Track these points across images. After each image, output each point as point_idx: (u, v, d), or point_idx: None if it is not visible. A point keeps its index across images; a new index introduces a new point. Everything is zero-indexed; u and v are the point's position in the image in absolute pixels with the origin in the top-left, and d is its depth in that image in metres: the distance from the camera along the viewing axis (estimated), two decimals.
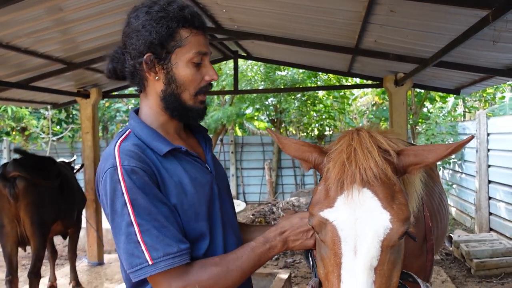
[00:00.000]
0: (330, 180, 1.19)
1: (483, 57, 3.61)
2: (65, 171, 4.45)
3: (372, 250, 1.10)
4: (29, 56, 4.07)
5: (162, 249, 1.15)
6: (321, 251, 1.21)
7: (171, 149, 1.28)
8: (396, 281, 1.17)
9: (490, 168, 7.04)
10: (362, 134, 1.23)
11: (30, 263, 3.85)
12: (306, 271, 5.69)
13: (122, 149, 1.23)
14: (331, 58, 5.14)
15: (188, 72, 1.29)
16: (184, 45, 1.27)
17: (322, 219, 1.17)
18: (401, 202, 1.14)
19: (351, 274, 1.10)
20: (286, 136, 1.37)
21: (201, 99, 1.35)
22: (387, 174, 1.16)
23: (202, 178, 1.33)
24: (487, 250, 5.56)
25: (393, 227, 1.11)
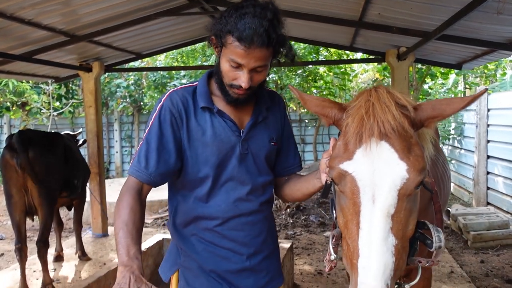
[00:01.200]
0: (349, 134, 1.25)
1: (486, 30, 3.62)
2: (69, 144, 4.50)
3: (389, 198, 1.17)
4: (33, 28, 4.06)
5: (137, 160, 1.57)
6: (341, 201, 1.28)
7: (204, 106, 1.63)
8: (412, 228, 1.23)
9: (490, 144, 7.11)
10: (380, 91, 1.28)
11: (38, 232, 3.94)
12: (307, 243, 5.82)
13: (172, 93, 1.65)
14: (333, 32, 5.13)
15: (225, 68, 1.55)
16: (226, 47, 1.52)
17: (341, 171, 1.24)
18: (417, 153, 1.20)
19: (369, 221, 1.17)
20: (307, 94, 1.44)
21: (234, 91, 1.58)
22: (404, 127, 1.21)
23: (225, 136, 1.63)
24: (484, 223, 5.68)
25: (409, 177, 1.17)
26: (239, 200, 1.66)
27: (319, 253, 5.38)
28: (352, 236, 1.20)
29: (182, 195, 1.70)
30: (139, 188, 1.54)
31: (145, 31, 5.11)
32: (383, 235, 1.15)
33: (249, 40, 1.44)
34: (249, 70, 1.51)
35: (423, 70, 9.42)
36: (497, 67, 10.43)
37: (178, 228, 1.74)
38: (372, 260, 1.13)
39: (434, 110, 1.26)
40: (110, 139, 13.11)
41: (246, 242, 1.69)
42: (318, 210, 7.33)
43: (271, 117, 1.77)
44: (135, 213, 1.46)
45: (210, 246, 1.67)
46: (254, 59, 1.49)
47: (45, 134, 4.31)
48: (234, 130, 1.65)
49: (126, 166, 13.08)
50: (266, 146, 1.72)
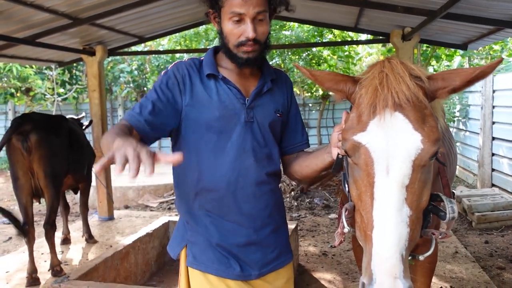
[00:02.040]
0: (362, 105, 1.24)
1: (492, 7, 3.57)
2: (74, 127, 4.51)
3: (403, 169, 1.16)
4: (35, 10, 4.04)
5: (132, 109, 1.61)
6: (354, 174, 1.27)
7: (209, 73, 1.66)
8: (426, 199, 1.23)
9: (495, 125, 7.07)
10: (393, 62, 1.27)
11: (45, 215, 3.98)
12: (311, 225, 5.85)
13: (179, 62, 1.70)
14: (338, 13, 5.08)
15: (228, 28, 1.59)
16: (224, 6, 1.57)
17: (355, 142, 1.23)
18: (431, 124, 1.19)
19: (383, 191, 1.16)
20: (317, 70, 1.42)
21: (243, 50, 1.59)
22: (419, 97, 1.20)
23: (229, 103, 1.65)
24: (489, 204, 5.68)
25: (424, 147, 1.16)
26: (244, 169, 1.66)
27: (324, 235, 5.41)
28: (366, 207, 1.19)
29: (185, 164, 1.60)
30: (129, 127, 1.52)
31: (147, 14, 5.08)
32: (398, 206, 1.14)
33: None
34: (251, 19, 1.54)
35: (427, 52, 9.34)
36: (502, 49, 10.31)
37: (183, 200, 1.74)
38: (387, 230, 1.13)
39: (444, 80, 1.24)
40: (114, 124, 13.10)
41: (253, 214, 1.68)
42: (323, 193, 7.35)
43: (276, 90, 1.78)
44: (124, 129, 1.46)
45: (216, 219, 1.67)
46: (253, 5, 1.53)
47: (50, 117, 4.32)
48: (238, 97, 1.66)
49: None
50: (271, 116, 1.73)
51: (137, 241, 3.85)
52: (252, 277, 1.67)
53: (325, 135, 12.19)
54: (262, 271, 1.69)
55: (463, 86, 1.23)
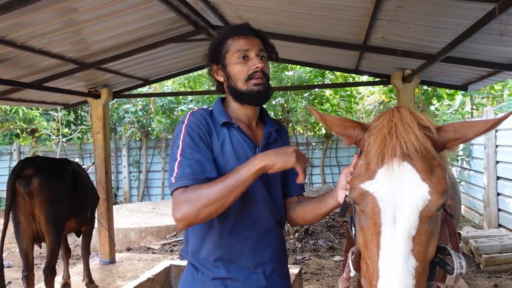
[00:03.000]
0: (371, 153, 1.25)
1: (489, 51, 3.63)
2: (78, 169, 4.53)
3: (411, 220, 1.15)
4: (43, 57, 4.15)
5: (181, 174, 1.55)
6: (361, 221, 1.27)
7: (225, 121, 1.71)
8: (433, 251, 1.21)
9: (499, 164, 7.04)
10: (402, 111, 1.28)
11: (46, 260, 3.93)
12: (316, 268, 5.74)
13: (193, 113, 1.71)
14: (338, 56, 5.17)
15: (236, 68, 1.71)
16: (230, 50, 1.72)
17: (362, 190, 1.23)
18: (439, 175, 1.19)
19: (390, 242, 1.15)
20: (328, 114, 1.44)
21: (254, 82, 1.69)
22: (427, 148, 1.20)
23: (242, 152, 1.68)
24: (496, 246, 5.58)
25: (431, 199, 1.16)
26: (258, 218, 1.70)
27: (329, 278, 5.29)
28: (372, 256, 1.19)
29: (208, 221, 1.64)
30: None
31: (152, 58, 5.20)
32: (404, 257, 1.13)
33: (244, 30, 1.72)
34: (256, 54, 1.70)
35: (429, 91, 9.45)
36: (503, 88, 10.43)
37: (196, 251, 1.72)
38: (392, 282, 1.12)
39: (456, 132, 1.25)
40: (118, 164, 13.16)
41: (263, 261, 1.71)
42: (327, 234, 7.25)
43: (280, 140, 1.85)
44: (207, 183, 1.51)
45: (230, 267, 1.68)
46: (256, 44, 1.71)
47: (54, 160, 4.34)
48: (251, 147, 1.71)
49: (134, 192, 13.08)
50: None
51: (138, 287, 3.78)
52: None
53: (329, 174, 12.16)
54: None
55: (473, 138, 1.25)
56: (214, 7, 4.01)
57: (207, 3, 3.85)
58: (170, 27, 4.44)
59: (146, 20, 4.08)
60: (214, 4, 3.95)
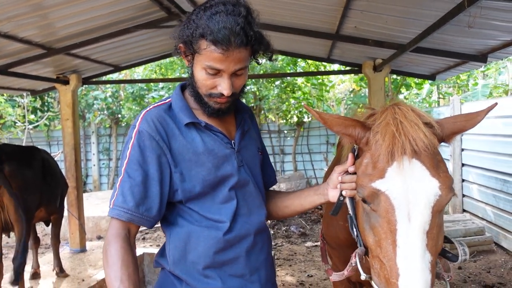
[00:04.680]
0: (379, 151, 1.25)
1: (457, 43, 3.74)
2: (47, 157, 4.42)
3: (425, 215, 1.19)
4: (9, 41, 4.00)
5: (122, 200, 1.36)
6: (371, 220, 1.27)
7: (189, 121, 1.45)
8: (442, 243, 1.26)
9: (464, 152, 7.29)
10: (403, 108, 1.30)
11: (15, 249, 3.84)
12: (288, 254, 5.83)
13: (147, 115, 1.45)
14: (311, 44, 5.21)
15: (201, 76, 1.40)
16: (200, 54, 1.36)
17: (374, 189, 1.24)
18: (444, 170, 1.24)
19: (406, 238, 1.17)
20: (326, 112, 1.43)
21: (215, 101, 1.43)
22: (435, 145, 1.24)
23: (218, 150, 1.47)
24: (461, 230, 5.81)
25: (442, 194, 1.20)
26: (248, 219, 1.51)
27: (301, 264, 5.39)
28: (388, 254, 1.20)
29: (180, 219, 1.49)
30: (126, 232, 1.36)
31: (123, 44, 5.10)
32: (422, 253, 1.16)
33: (226, 42, 1.30)
34: (229, 75, 1.37)
35: (398, 80, 9.64)
36: (469, 77, 10.74)
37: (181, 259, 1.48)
38: (415, 278, 1.14)
39: (455, 125, 1.31)
40: (87, 152, 12.92)
41: (258, 266, 1.53)
42: (299, 221, 7.36)
43: (252, 127, 1.68)
44: (128, 266, 1.30)
45: (222, 276, 1.47)
46: (234, 62, 1.35)
47: (22, 148, 4.23)
48: (226, 142, 1.50)
49: (104, 179, 12.89)
50: (256, 156, 1.63)
51: None
52: None
53: (300, 161, 12.28)
54: None
55: (470, 129, 1.34)
56: None
57: None
58: (141, 13, 4.36)
59: (117, 5, 3.99)
60: None
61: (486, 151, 6.37)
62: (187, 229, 1.47)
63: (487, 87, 9.63)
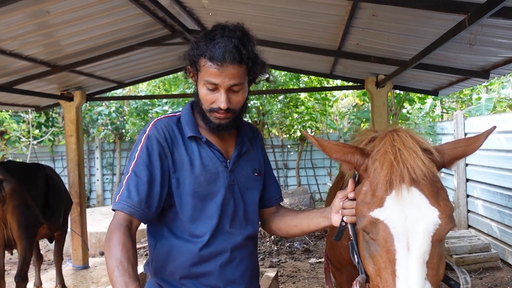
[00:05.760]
0: (377, 180, 1.24)
1: (459, 59, 3.76)
2: (51, 174, 4.44)
3: (424, 245, 1.16)
4: (14, 59, 4.06)
5: (126, 194, 1.47)
6: (371, 249, 1.26)
7: (192, 135, 1.60)
8: (443, 272, 1.23)
9: (468, 167, 7.24)
10: (402, 135, 1.29)
11: (17, 266, 3.83)
12: (292, 270, 5.78)
13: (157, 122, 1.60)
14: (314, 61, 5.24)
15: (202, 92, 1.56)
16: (200, 71, 1.54)
17: (372, 218, 1.23)
18: (444, 198, 1.22)
19: (406, 269, 1.15)
20: (325, 139, 1.43)
21: (215, 116, 1.56)
22: (434, 172, 1.22)
23: (212, 167, 1.60)
24: (466, 246, 5.74)
25: (441, 223, 1.18)
26: (226, 234, 1.61)
27: (304, 281, 5.34)
28: (387, 285, 1.18)
29: (166, 230, 1.60)
30: (128, 224, 1.45)
31: (127, 61, 5.15)
32: (421, 283, 1.14)
33: (220, 58, 1.47)
34: (225, 90, 1.51)
35: (401, 95, 9.64)
36: (472, 91, 10.73)
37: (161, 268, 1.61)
38: None
39: (456, 151, 1.29)
40: (91, 167, 12.93)
41: (234, 279, 1.62)
42: (303, 237, 7.31)
43: (252, 149, 1.77)
44: (128, 250, 1.37)
45: (198, 286, 1.58)
46: (229, 77, 1.49)
47: (26, 165, 4.25)
48: (221, 160, 1.62)
49: (107, 195, 12.88)
50: (250, 177, 1.71)
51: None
52: None
53: (304, 176, 12.25)
54: None
55: (470, 154, 1.31)
56: (190, 12, 4.00)
57: (183, 8, 3.84)
58: (145, 31, 4.41)
59: (122, 24, 4.04)
60: (191, 9, 3.95)
61: (491, 166, 6.33)
62: (170, 242, 1.59)
63: (490, 101, 9.61)
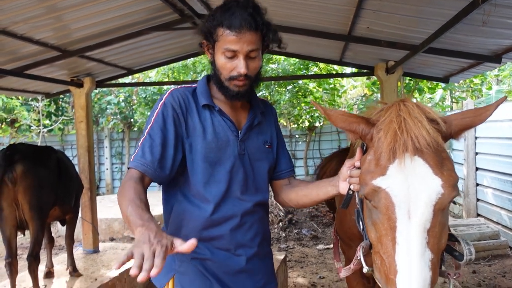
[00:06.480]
0: (381, 149, 1.25)
1: (471, 42, 3.71)
2: (63, 158, 4.48)
3: (425, 214, 1.17)
4: (25, 43, 4.07)
5: (141, 154, 1.56)
6: (373, 216, 1.28)
7: (206, 103, 1.69)
8: (445, 241, 1.24)
9: (478, 156, 7.21)
10: (409, 105, 1.29)
11: (29, 247, 3.89)
12: (300, 256, 5.80)
13: (174, 91, 1.70)
14: (323, 47, 5.21)
15: (221, 62, 1.63)
16: (218, 41, 1.62)
17: (375, 187, 1.24)
18: (449, 168, 1.22)
19: (406, 236, 1.17)
20: (331, 108, 1.42)
21: (235, 84, 1.64)
22: (438, 142, 1.22)
23: (223, 135, 1.68)
24: (475, 234, 5.73)
25: (444, 192, 1.18)
26: (236, 200, 1.70)
27: (312, 266, 5.37)
28: (387, 251, 1.19)
29: (179, 195, 1.71)
30: (140, 178, 1.52)
31: (136, 46, 5.15)
32: (421, 251, 1.15)
33: (238, 26, 1.55)
34: (244, 56, 1.59)
35: (411, 85, 9.58)
36: (482, 82, 10.63)
37: (175, 231, 1.71)
38: (412, 276, 1.13)
39: (464, 121, 1.28)
40: (100, 156, 13.03)
41: (244, 243, 1.72)
42: (311, 224, 7.33)
43: (265, 122, 1.85)
44: (140, 193, 1.44)
45: (210, 248, 1.68)
46: (247, 43, 1.57)
47: (38, 147, 4.29)
48: (232, 130, 1.71)
49: (117, 183, 12.98)
50: (261, 148, 1.79)
51: (124, 273, 3.79)
52: None
53: (312, 166, 12.24)
54: None
55: (478, 125, 1.30)
56: None
57: None
58: (155, 15, 4.41)
59: (131, 8, 4.04)
60: None
61: (502, 155, 6.29)
62: (184, 207, 1.69)
63: (501, 92, 9.52)
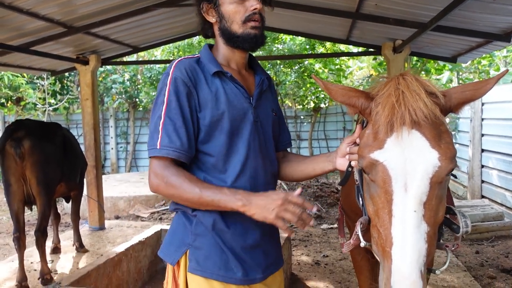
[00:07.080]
0: (379, 122, 1.25)
1: (480, 20, 3.66)
2: (68, 135, 4.50)
3: (422, 186, 1.17)
4: (30, 18, 4.06)
5: (168, 140, 1.49)
6: (371, 190, 1.28)
7: (217, 70, 1.59)
8: (442, 214, 1.24)
9: (484, 137, 7.18)
10: (408, 78, 1.28)
11: (37, 222, 3.94)
12: (304, 235, 5.85)
13: (179, 63, 1.58)
14: (330, 25, 5.16)
15: (231, 7, 1.59)
16: None
17: (372, 160, 1.24)
18: (447, 141, 1.21)
19: (402, 209, 1.17)
20: (331, 82, 1.43)
21: (251, 25, 1.59)
22: (436, 114, 1.22)
23: (237, 103, 1.60)
24: (479, 215, 5.74)
25: (441, 165, 1.18)
26: (255, 171, 1.62)
27: (316, 245, 5.42)
28: (384, 224, 1.20)
29: (195, 168, 1.61)
30: (175, 164, 1.51)
31: (142, 23, 5.12)
32: (417, 223, 1.15)
33: None
34: None
35: (417, 66, 9.49)
36: (490, 63, 10.51)
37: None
38: (406, 248, 1.13)
39: (463, 95, 1.27)
40: (106, 135, 13.09)
41: None
42: (314, 203, 7.38)
43: (269, 89, 1.80)
44: (191, 175, 1.49)
45: (229, 221, 1.59)
46: None
47: (44, 124, 4.31)
48: (246, 96, 1.63)
49: (122, 163, 13.06)
50: (270, 115, 1.74)
51: (130, 249, 3.84)
52: (256, 280, 1.62)
53: (316, 147, 12.25)
54: (264, 274, 1.65)
55: (478, 98, 1.29)
56: None
57: None
58: None
59: None
60: None
61: (507, 136, 6.27)
62: (202, 177, 1.58)
63: (509, 74, 9.42)
